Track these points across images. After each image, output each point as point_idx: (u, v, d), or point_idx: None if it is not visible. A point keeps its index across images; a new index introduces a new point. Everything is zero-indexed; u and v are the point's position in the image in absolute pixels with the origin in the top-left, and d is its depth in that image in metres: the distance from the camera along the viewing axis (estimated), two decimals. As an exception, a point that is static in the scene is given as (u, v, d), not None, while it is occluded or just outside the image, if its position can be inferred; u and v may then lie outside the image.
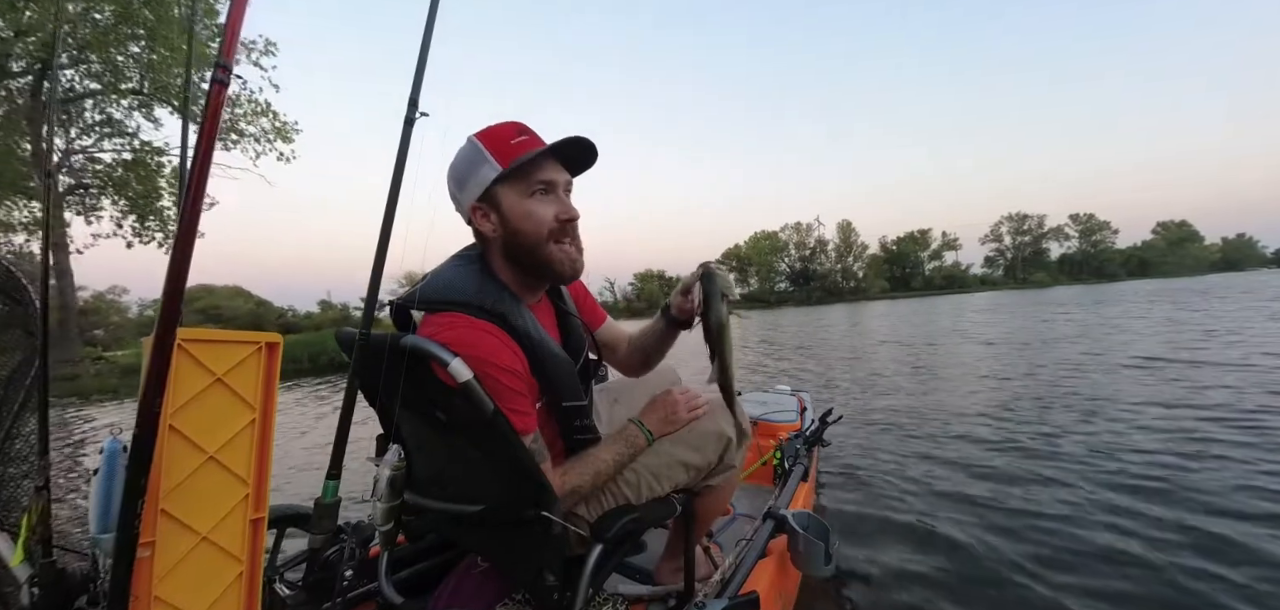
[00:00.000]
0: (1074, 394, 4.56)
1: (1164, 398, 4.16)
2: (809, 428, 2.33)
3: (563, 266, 1.01)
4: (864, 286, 70.38)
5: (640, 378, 1.39)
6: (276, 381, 0.73)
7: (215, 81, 0.58)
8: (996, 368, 6.31)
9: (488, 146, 0.97)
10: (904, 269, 78.92)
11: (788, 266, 74.79)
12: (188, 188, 0.57)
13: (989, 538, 2.12)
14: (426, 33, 1.10)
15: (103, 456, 0.72)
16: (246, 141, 12.96)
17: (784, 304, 60.62)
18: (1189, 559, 1.86)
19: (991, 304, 23.92)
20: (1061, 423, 3.68)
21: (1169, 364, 5.56)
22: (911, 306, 28.27)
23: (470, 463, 1.00)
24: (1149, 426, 3.44)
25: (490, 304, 0.95)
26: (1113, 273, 79.35)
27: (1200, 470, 2.65)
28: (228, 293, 34.73)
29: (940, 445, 3.40)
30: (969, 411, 4.24)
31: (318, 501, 0.99)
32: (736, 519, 1.84)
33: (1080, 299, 22.19)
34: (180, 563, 0.65)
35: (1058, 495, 2.47)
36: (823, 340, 12.12)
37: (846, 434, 3.70)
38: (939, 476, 2.84)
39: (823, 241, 74.75)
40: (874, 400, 5.05)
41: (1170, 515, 2.19)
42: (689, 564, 1.16)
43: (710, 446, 1.14)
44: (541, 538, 0.92)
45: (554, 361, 1.00)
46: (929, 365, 7.01)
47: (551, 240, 0.99)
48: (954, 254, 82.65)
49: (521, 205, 0.97)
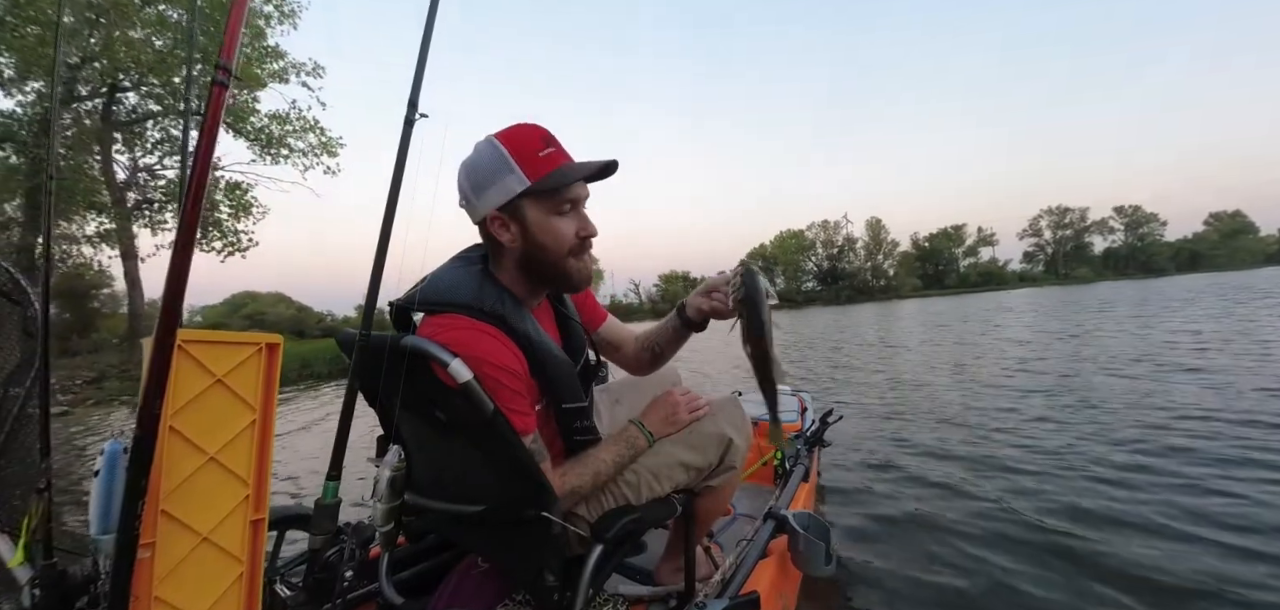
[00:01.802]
0: (1093, 395, 4.38)
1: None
2: (809, 428, 2.33)
3: (577, 278, 1.02)
4: (895, 285, 68.06)
5: (642, 378, 1.39)
6: (276, 382, 0.73)
7: (215, 82, 0.57)
8: (1020, 365, 6.27)
9: (513, 154, 0.93)
10: (937, 266, 75.99)
11: (815, 265, 73.13)
12: (187, 189, 0.57)
13: (990, 539, 2.12)
14: (426, 33, 1.10)
15: (103, 458, 0.72)
16: (295, 156, 13.84)
17: (811, 303, 59.61)
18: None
19: (1029, 302, 23.00)
20: (1070, 421, 3.67)
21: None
22: (944, 305, 27.39)
23: (470, 463, 1.00)
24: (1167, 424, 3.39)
25: (490, 307, 0.95)
26: (1161, 267, 75.14)
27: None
28: (271, 299, 36.29)
29: (942, 447, 3.39)
30: (975, 411, 4.24)
31: (318, 502, 0.99)
32: (737, 519, 1.84)
33: (1126, 295, 21.27)
34: (181, 564, 0.65)
35: (1062, 498, 2.47)
36: (821, 341, 12.10)
37: (847, 434, 3.69)
38: (940, 477, 2.84)
39: (851, 239, 72.58)
40: (876, 401, 5.05)
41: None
42: (689, 564, 1.16)
43: (711, 448, 1.14)
44: (541, 538, 0.92)
45: (554, 363, 1.00)
46: (941, 364, 6.96)
47: (571, 255, 0.99)
48: (990, 250, 79.64)
49: (546, 221, 0.97)
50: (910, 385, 5.61)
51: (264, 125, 13.50)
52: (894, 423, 4.07)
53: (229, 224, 13.72)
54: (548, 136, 0.98)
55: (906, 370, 6.73)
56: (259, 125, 13.47)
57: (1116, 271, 74.65)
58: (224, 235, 13.76)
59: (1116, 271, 74.65)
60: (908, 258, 74.58)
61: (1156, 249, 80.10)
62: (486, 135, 0.97)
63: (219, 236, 13.73)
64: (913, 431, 3.77)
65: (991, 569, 1.91)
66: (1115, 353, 6.58)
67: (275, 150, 13.61)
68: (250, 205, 13.90)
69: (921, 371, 6.49)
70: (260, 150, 13.74)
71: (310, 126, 13.70)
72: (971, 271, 76.53)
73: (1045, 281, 70.78)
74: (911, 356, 8.22)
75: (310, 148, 13.83)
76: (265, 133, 13.54)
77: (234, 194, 13.72)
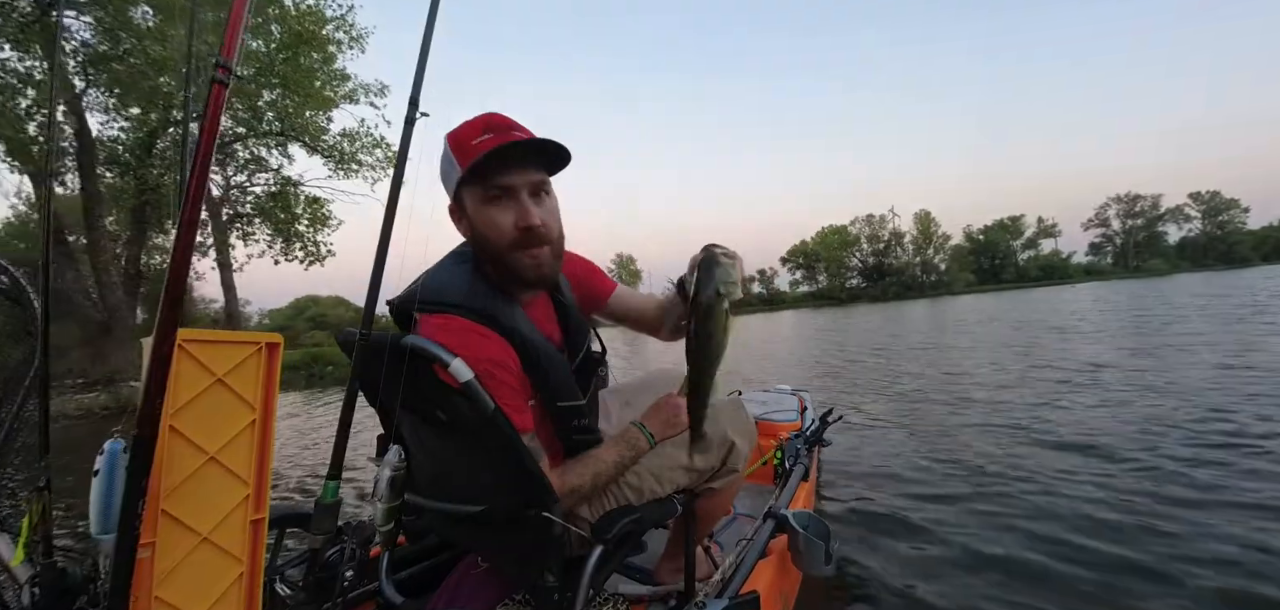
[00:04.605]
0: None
1: None
2: (809, 427, 2.33)
3: (528, 274, 0.97)
4: (947, 280, 63.23)
5: (655, 380, 1.39)
6: (277, 382, 0.73)
7: (214, 81, 0.57)
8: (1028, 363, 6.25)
9: (453, 145, 0.93)
10: (993, 260, 70.54)
11: (859, 262, 69.14)
12: (187, 190, 0.57)
13: (992, 539, 2.12)
14: (427, 32, 1.09)
15: (103, 457, 0.72)
16: (364, 171, 14.94)
17: (856, 301, 56.16)
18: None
19: (1095, 297, 21.07)
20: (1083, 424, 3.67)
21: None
22: (997, 301, 26.04)
23: (471, 462, 1.00)
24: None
25: (480, 305, 0.94)
26: (1243, 257, 67.92)
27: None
28: (331, 302, 37.73)
29: (945, 446, 3.39)
30: (981, 409, 4.24)
31: (318, 502, 0.99)
32: (737, 519, 1.84)
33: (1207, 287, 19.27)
34: (181, 563, 0.64)
35: (1066, 500, 2.47)
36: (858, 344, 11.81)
37: (849, 434, 3.69)
38: (942, 477, 2.84)
39: (898, 234, 67.80)
40: (880, 400, 5.05)
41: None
42: (689, 564, 1.16)
43: (713, 450, 1.13)
44: (542, 538, 0.92)
45: (548, 361, 0.99)
46: (954, 364, 6.88)
47: (514, 249, 0.94)
48: (1052, 241, 73.84)
49: (480, 211, 0.94)
50: (920, 388, 5.59)
51: (336, 142, 14.64)
52: (899, 423, 4.07)
53: (309, 235, 15.16)
54: (491, 122, 0.94)
55: (923, 371, 6.65)
56: (331, 143, 14.63)
57: (1194, 263, 67.60)
58: (305, 246, 15.22)
59: (1194, 263, 67.60)
60: (960, 251, 70.01)
61: (1239, 237, 72.23)
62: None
63: (301, 247, 15.22)
64: (918, 432, 3.77)
65: (993, 571, 1.91)
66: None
67: (346, 166, 14.77)
68: (327, 217, 15.23)
69: (944, 379, 6.00)
70: (334, 166, 14.85)
71: (377, 142, 14.77)
72: (1031, 265, 70.80)
73: (1114, 275, 64.10)
74: (956, 357, 7.60)
75: (377, 162, 14.91)
76: (337, 149, 14.64)
77: (313, 207, 15.07)
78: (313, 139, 14.22)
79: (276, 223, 15.20)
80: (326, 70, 13.30)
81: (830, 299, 61.52)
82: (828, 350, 10.54)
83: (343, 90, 13.92)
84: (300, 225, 15.14)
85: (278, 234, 15.35)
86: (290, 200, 15.13)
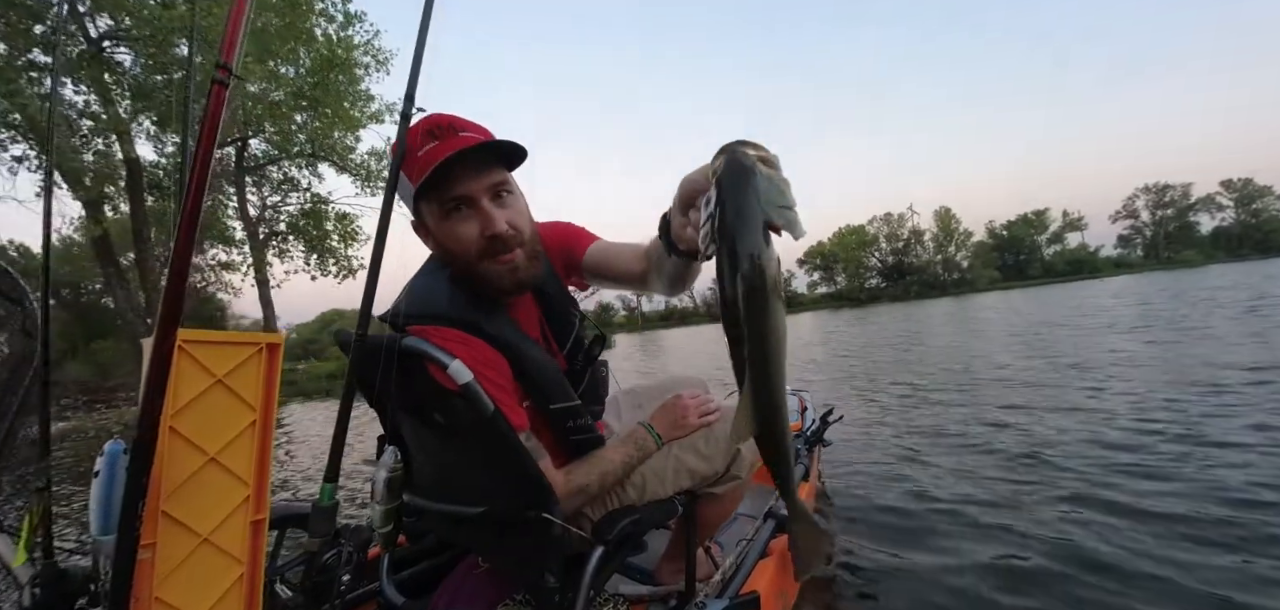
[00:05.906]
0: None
1: None
2: (810, 427, 2.33)
3: (504, 281, 0.92)
4: (969, 277, 61.32)
5: (668, 382, 1.38)
6: (277, 383, 0.73)
7: (214, 82, 0.57)
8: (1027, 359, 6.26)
9: (406, 156, 0.87)
10: (1018, 255, 68.34)
11: (878, 261, 67.36)
12: (186, 191, 0.57)
13: (993, 540, 2.12)
14: (422, 29, 1.09)
15: (103, 458, 0.72)
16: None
17: (876, 301, 54.72)
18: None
19: (1122, 290, 19.98)
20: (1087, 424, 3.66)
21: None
22: (1023, 298, 25.03)
23: (470, 464, 1.00)
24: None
25: (462, 314, 0.92)
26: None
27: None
28: (355, 317, 40.35)
29: (948, 447, 3.39)
30: (986, 411, 4.23)
31: (315, 504, 0.99)
32: (737, 519, 1.83)
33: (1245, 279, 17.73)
34: (181, 564, 0.65)
35: (1069, 503, 2.47)
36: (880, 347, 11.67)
37: (849, 434, 3.69)
38: (943, 478, 2.84)
39: (918, 232, 65.94)
40: (880, 399, 5.05)
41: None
42: (690, 564, 1.16)
43: (718, 455, 1.12)
44: (542, 538, 0.92)
45: (535, 365, 0.96)
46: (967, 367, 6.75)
47: (483, 258, 0.89)
48: (1079, 235, 70.86)
49: (440, 226, 0.90)
50: (926, 390, 5.59)
51: (363, 161, 15.22)
52: (899, 423, 4.06)
53: (341, 250, 16.06)
54: (436, 126, 0.87)
55: (956, 374, 6.54)
56: (359, 161, 15.21)
57: (1229, 252, 64.47)
58: (338, 261, 16.12)
59: (1229, 252, 64.47)
60: (983, 247, 67.59)
61: (1275, 225, 68.29)
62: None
63: (334, 262, 16.16)
64: (920, 433, 3.76)
65: (994, 571, 1.91)
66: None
67: (373, 183, 15.26)
68: (356, 233, 15.96)
69: (960, 377, 5.76)
70: (361, 183, 15.42)
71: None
72: (1058, 259, 68.29)
73: (1144, 267, 61.56)
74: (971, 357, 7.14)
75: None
76: (364, 168, 15.18)
77: (342, 223, 16.00)
78: (341, 158, 14.85)
79: (309, 239, 16.01)
80: (353, 92, 13.86)
81: (849, 300, 60.54)
82: (838, 352, 10.41)
83: (370, 111, 14.44)
84: (332, 240, 16.02)
85: (311, 250, 16.18)
86: (322, 217, 15.93)
